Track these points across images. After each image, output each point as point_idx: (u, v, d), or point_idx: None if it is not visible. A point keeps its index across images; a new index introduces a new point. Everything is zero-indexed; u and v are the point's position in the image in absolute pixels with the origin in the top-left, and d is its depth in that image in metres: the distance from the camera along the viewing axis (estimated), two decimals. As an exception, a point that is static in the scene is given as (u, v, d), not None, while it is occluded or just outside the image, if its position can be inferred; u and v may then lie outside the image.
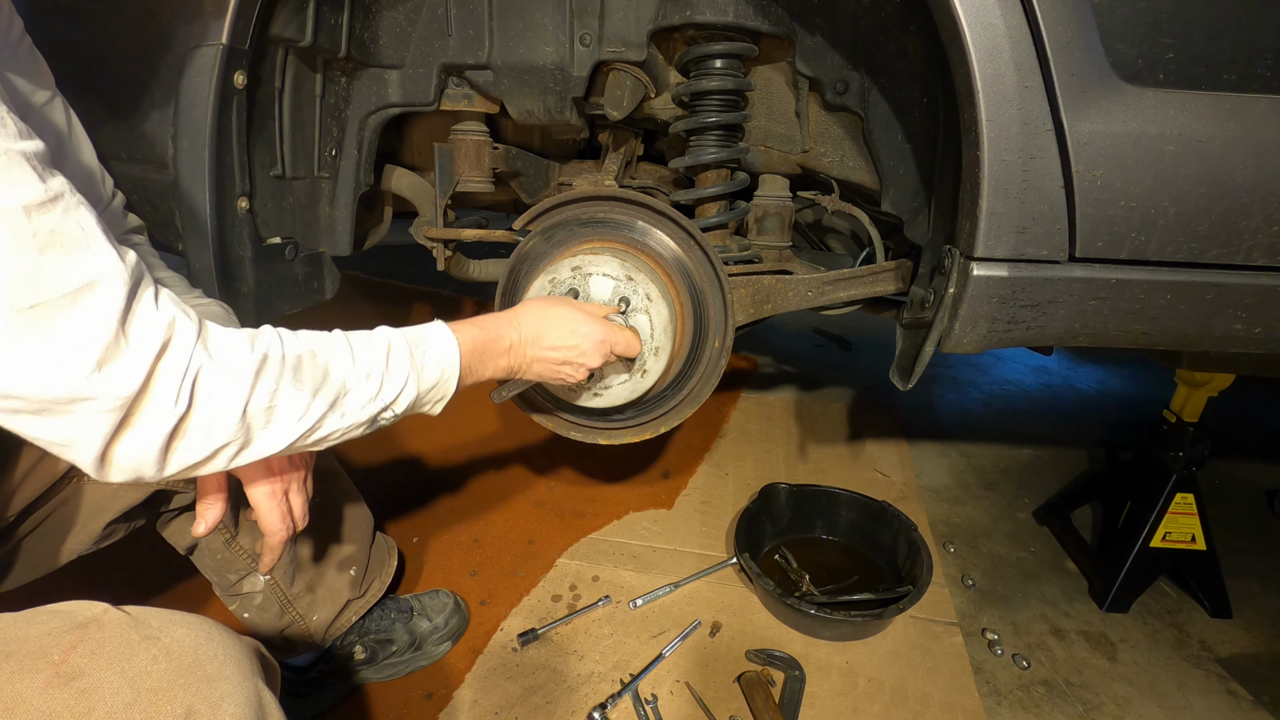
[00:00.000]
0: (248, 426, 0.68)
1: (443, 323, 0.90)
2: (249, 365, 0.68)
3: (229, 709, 0.59)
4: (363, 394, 0.77)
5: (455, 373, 0.87)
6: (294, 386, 0.71)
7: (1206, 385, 1.57)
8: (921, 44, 1.15)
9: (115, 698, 0.55)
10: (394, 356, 0.81)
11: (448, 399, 0.89)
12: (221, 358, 0.67)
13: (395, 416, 0.82)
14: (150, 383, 0.62)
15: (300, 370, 0.72)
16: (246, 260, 1.15)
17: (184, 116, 1.02)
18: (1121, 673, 1.43)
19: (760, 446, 2.20)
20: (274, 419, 0.70)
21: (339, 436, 0.78)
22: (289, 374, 0.71)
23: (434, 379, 0.85)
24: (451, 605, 1.38)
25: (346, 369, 0.76)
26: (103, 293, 0.59)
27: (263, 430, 0.70)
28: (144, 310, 0.62)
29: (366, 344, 0.80)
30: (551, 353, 1.01)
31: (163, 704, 0.56)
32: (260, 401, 0.69)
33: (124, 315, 0.60)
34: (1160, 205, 0.89)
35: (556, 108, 1.30)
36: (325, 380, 0.74)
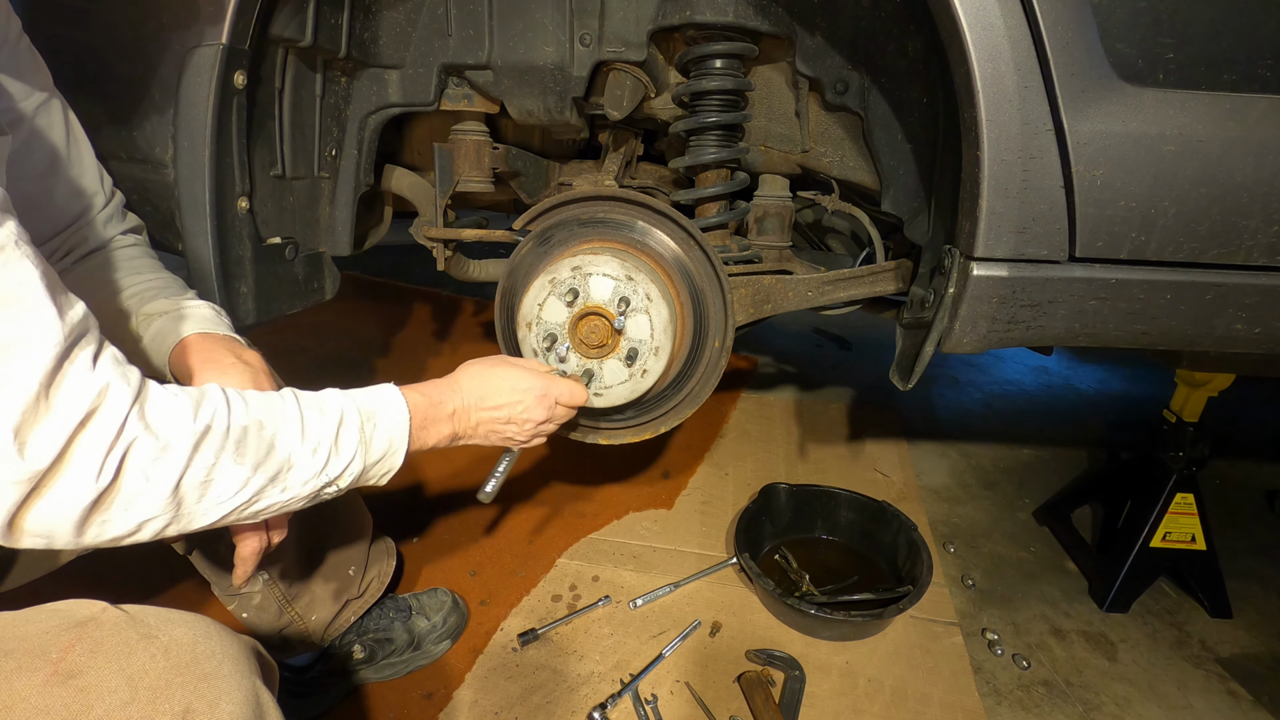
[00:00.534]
0: (179, 501, 0.65)
1: (395, 389, 0.88)
2: (187, 438, 0.65)
3: (227, 707, 0.59)
4: (307, 469, 0.74)
5: (404, 445, 0.85)
6: (234, 461, 0.68)
7: (1206, 385, 1.57)
8: (921, 44, 1.15)
9: (113, 696, 0.55)
10: (344, 429, 0.78)
11: (394, 472, 0.86)
12: (159, 428, 0.63)
13: (339, 491, 0.80)
14: (68, 454, 0.58)
15: (244, 443, 0.69)
16: (246, 260, 1.15)
17: (184, 116, 1.02)
18: (1121, 673, 1.43)
19: (760, 446, 2.19)
20: (208, 494, 0.67)
21: (277, 509, 0.75)
22: (231, 447, 0.68)
23: (381, 452, 0.82)
24: (450, 604, 1.38)
25: (294, 443, 0.73)
26: (25, 354, 0.55)
27: (195, 504, 0.67)
28: (74, 374, 0.58)
29: (318, 415, 0.77)
30: (495, 412, 0.99)
31: (160, 702, 0.56)
32: (195, 476, 0.65)
33: (48, 379, 0.56)
34: (1160, 205, 0.89)
35: (556, 108, 1.30)
36: (270, 454, 0.71)
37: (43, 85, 0.88)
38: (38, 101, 0.87)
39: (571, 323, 1.17)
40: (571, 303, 1.16)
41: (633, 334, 1.17)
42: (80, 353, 0.60)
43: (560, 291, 1.16)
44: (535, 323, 1.18)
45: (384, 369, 2.60)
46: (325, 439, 0.76)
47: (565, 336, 1.18)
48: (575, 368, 1.18)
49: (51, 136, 0.89)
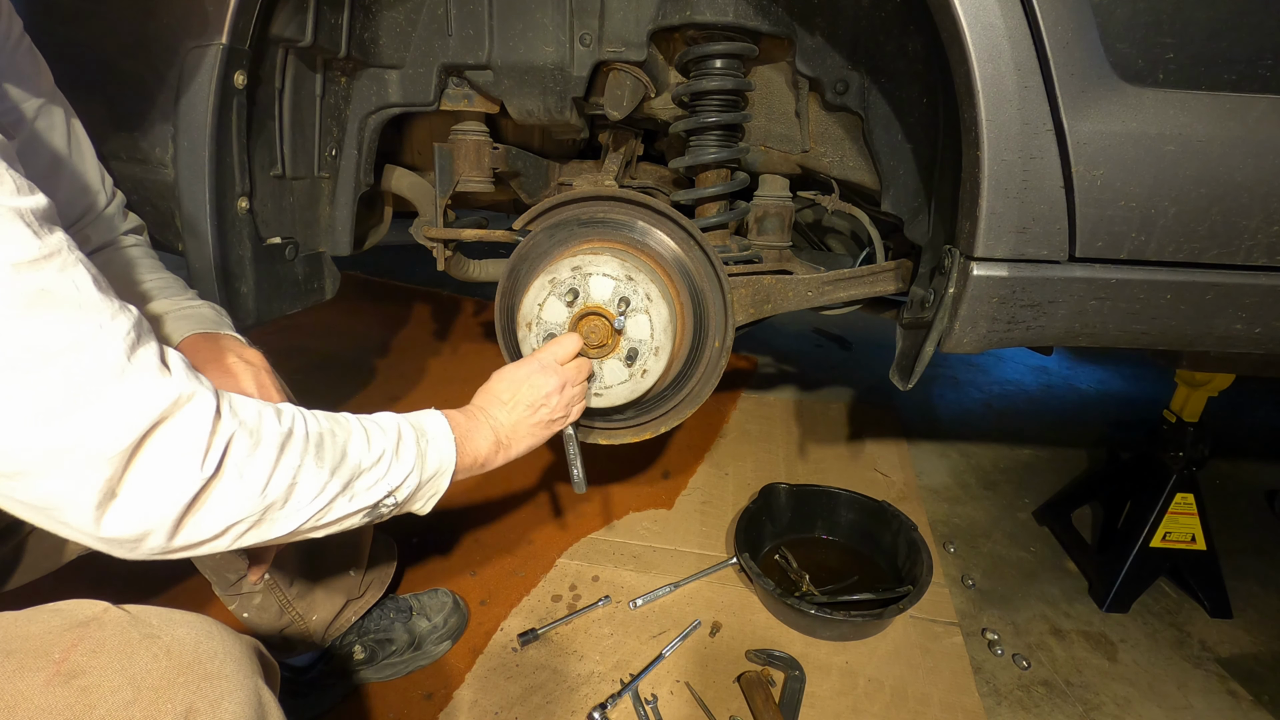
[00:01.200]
0: (266, 504, 0.66)
1: (439, 413, 0.90)
2: (276, 437, 0.67)
3: (229, 707, 0.59)
4: (373, 476, 0.77)
5: (452, 464, 0.87)
6: (315, 464, 0.70)
7: (1206, 385, 1.57)
8: (921, 44, 1.15)
9: (116, 696, 0.55)
10: (403, 443, 0.81)
11: (441, 494, 0.88)
12: (251, 425, 0.66)
13: (394, 506, 0.81)
14: (151, 440, 0.59)
15: (323, 447, 0.71)
16: (246, 260, 1.15)
17: (184, 116, 1.03)
18: (1121, 673, 1.43)
19: (760, 446, 2.20)
20: (292, 497, 0.69)
21: (340, 524, 0.76)
22: (313, 450, 0.70)
23: (434, 468, 0.85)
24: (451, 604, 1.38)
25: (362, 451, 0.76)
26: (93, 353, 0.57)
27: (279, 509, 0.68)
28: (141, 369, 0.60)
29: (378, 429, 0.80)
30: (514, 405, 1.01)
31: (163, 702, 0.56)
32: (283, 477, 0.67)
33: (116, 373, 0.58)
34: (1160, 205, 0.89)
35: (556, 108, 1.30)
36: (343, 460, 0.73)
37: (44, 86, 0.88)
38: (39, 102, 0.87)
39: (571, 323, 1.17)
40: (571, 303, 1.16)
41: (633, 334, 1.17)
42: (144, 351, 0.61)
43: (560, 291, 1.16)
44: (535, 322, 1.18)
45: (384, 369, 2.60)
46: (388, 449, 0.79)
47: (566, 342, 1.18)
48: None
49: (53, 137, 0.90)
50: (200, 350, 0.89)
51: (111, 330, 0.58)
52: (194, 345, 0.90)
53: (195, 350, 0.89)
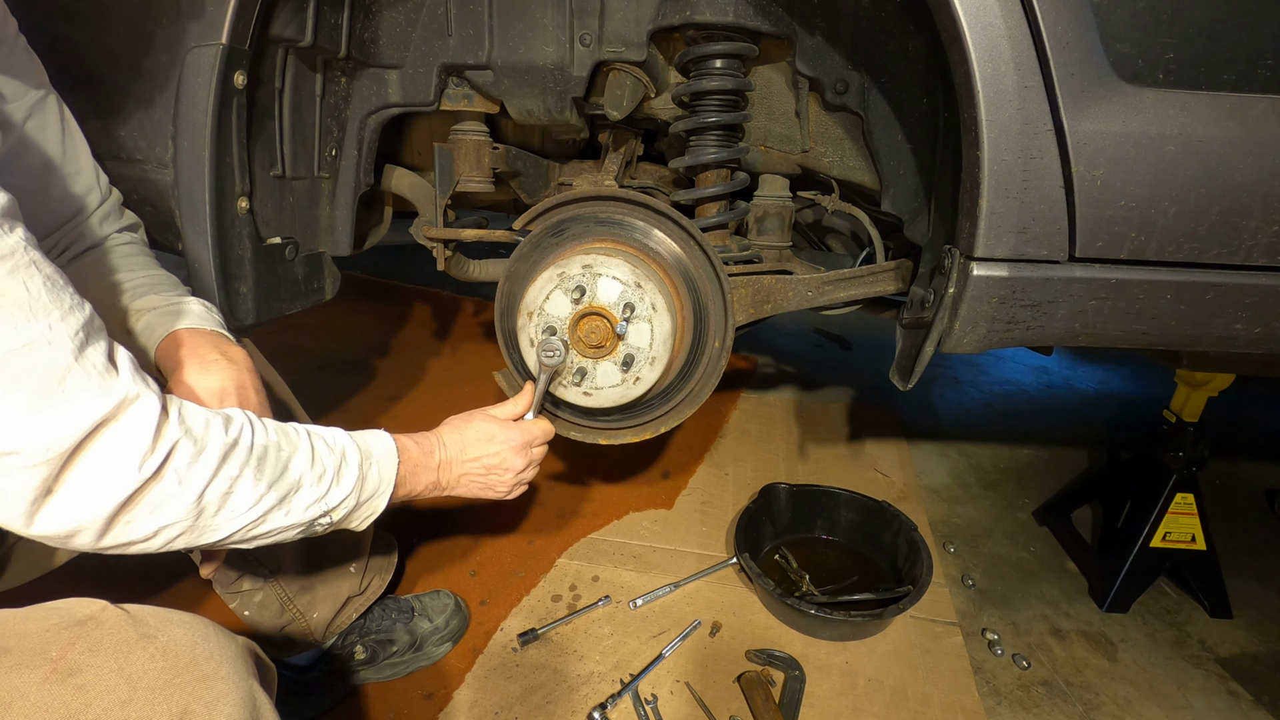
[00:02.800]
0: (200, 510, 0.67)
1: (388, 435, 0.92)
2: (219, 447, 0.68)
3: (224, 709, 0.59)
4: (311, 495, 0.77)
5: (390, 489, 0.89)
6: (254, 476, 0.71)
7: (1206, 385, 1.57)
8: (921, 44, 1.15)
9: (112, 695, 0.55)
10: (346, 464, 0.82)
11: (377, 515, 0.90)
12: (197, 433, 0.67)
13: (329, 525, 0.82)
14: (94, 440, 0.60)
15: (264, 460, 0.72)
16: (246, 260, 1.15)
17: (184, 116, 1.03)
18: (1121, 673, 1.43)
19: (760, 446, 2.19)
20: (226, 506, 0.69)
21: (273, 537, 0.77)
22: (254, 462, 0.71)
23: (372, 490, 0.86)
24: (453, 606, 1.38)
25: (304, 468, 0.77)
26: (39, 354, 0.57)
27: (212, 516, 0.69)
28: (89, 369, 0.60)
29: (325, 447, 0.81)
30: (474, 464, 1.04)
31: (158, 702, 0.56)
32: (220, 486, 0.68)
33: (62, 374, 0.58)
34: (1160, 205, 0.89)
35: (556, 108, 1.30)
36: (283, 475, 0.74)
37: (38, 84, 0.88)
38: (33, 100, 0.87)
39: (573, 319, 1.18)
40: (577, 300, 1.16)
41: (633, 341, 1.17)
42: (93, 350, 0.61)
43: (567, 287, 1.16)
44: (537, 313, 1.18)
45: (384, 369, 2.60)
46: (330, 469, 0.80)
47: (564, 331, 1.18)
48: (568, 363, 1.18)
49: (47, 135, 0.90)
50: (182, 345, 0.89)
51: (60, 331, 0.59)
52: (176, 341, 0.90)
53: (177, 345, 0.89)
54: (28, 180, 0.88)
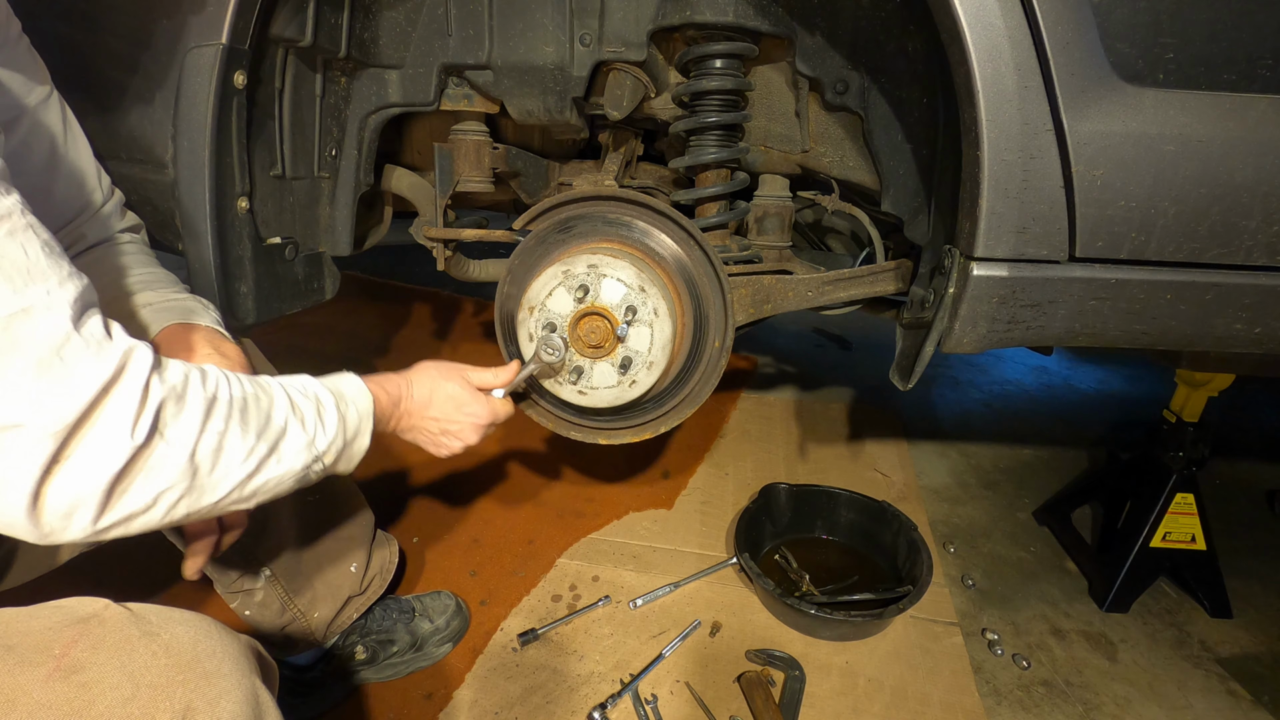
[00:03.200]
0: (194, 469, 0.65)
1: (354, 375, 0.91)
2: (200, 401, 0.66)
3: (227, 706, 0.59)
4: (299, 439, 0.77)
5: (370, 424, 0.88)
6: (240, 427, 0.70)
7: (1206, 385, 1.57)
8: (921, 44, 1.15)
9: (115, 692, 0.55)
10: (324, 406, 0.81)
11: (364, 453, 0.89)
12: (178, 391, 0.65)
13: (323, 470, 0.82)
14: (96, 412, 0.58)
15: (247, 411, 0.71)
16: (246, 260, 1.15)
17: (184, 116, 1.03)
18: (1121, 673, 1.43)
19: (760, 446, 2.19)
20: (220, 463, 0.68)
21: (271, 489, 0.75)
22: (237, 414, 0.70)
23: (354, 429, 0.86)
24: (453, 607, 1.38)
25: (286, 412, 0.76)
26: (39, 319, 0.56)
27: (208, 475, 0.67)
28: (89, 337, 0.59)
29: (300, 393, 0.80)
30: (433, 423, 1.03)
31: (161, 700, 0.56)
32: (209, 442, 0.66)
33: (62, 342, 0.57)
34: (1160, 205, 0.89)
35: (556, 108, 1.30)
36: (268, 423, 0.73)
37: (41, 83, 0.89)
38: (36, 99, 0.87)
39: (574, 317, 1.18)
40: (580, 299, 1.16)
41: (632, 344, 1.17)
42: (91, 319, 0.60)
43: (571, 285, 1.16)
44: (538, 309, 1.18)
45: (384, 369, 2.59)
46: (310, 412, 0.79)
47: (564, 329, 1.18)
48: (565, 361, 1.18)
49: (49, 135, 0.90)
50: (175, 340, 0.90)
51: (59, 297, 0.58)
52: (170, 335, 0.90)
53: (171, 340, 0.90)
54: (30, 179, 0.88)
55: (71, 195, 0.94)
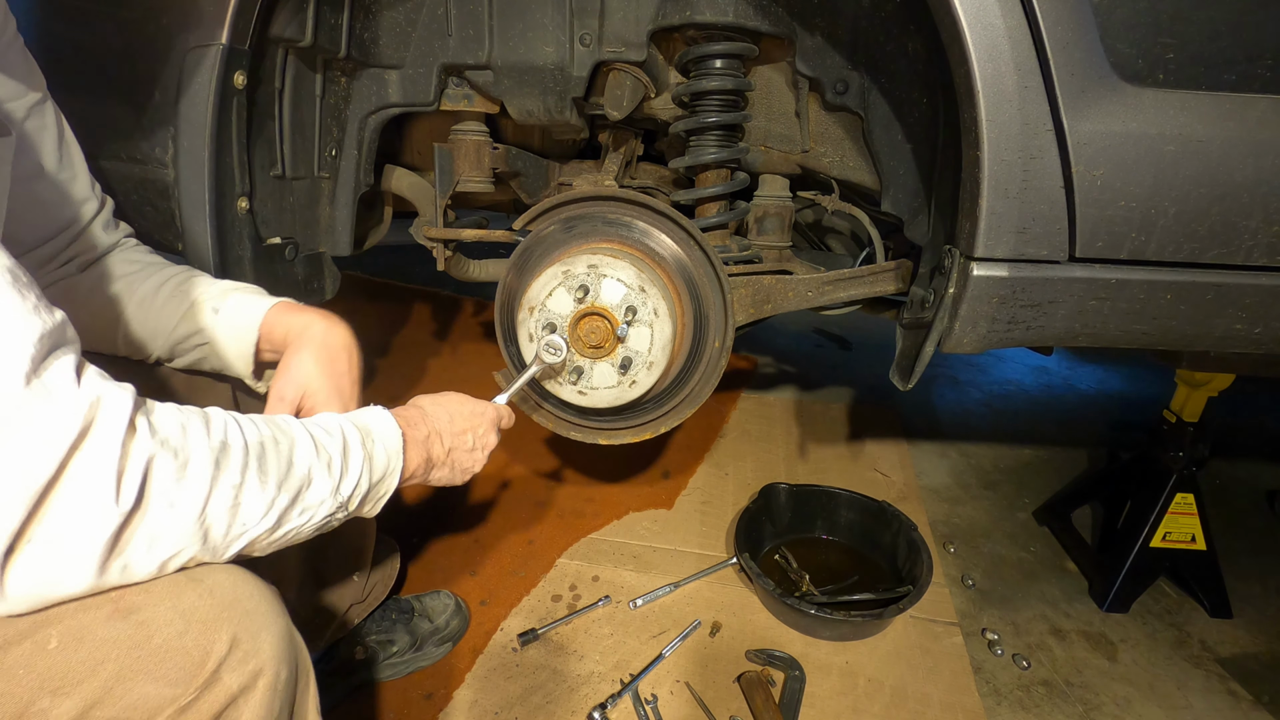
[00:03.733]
0: (205, 530, 0.59)
1: (383, 409, 0.84)
2: (206, 453, 0.59)
3: (267, 639, 0.64)
4: (324, 488, 0.70)
5: (399, 464, 0.81)
6: (259, 479, 0.63)
7: (1206, 385, 1.57)
8: (921, 44, 1.15)
9: (169, 628, 0.59)
10: (350, 446, 0.74)
11: (389, 496, 0.82)
12: (175, 443, 0.57)
13: (345, 516, 0.76)
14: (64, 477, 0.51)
15: (265, 459, 0.64)
16: (246, 260, 1.15)
17: (184, 116, 1.03)
18: (1121, 673, 1.43)
19: (760, 446, 2.19)
20: (236, 520, 0.62)
21: (288, 541, 0.70)
22: (254, 464, 0.63)
23: (381, 470, 0.79)
24: (453, 607, 1.38)
25: (310, 458, 0.69)
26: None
27: (222, 536, 0.61)
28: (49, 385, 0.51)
29: (323, 431, 0.73)
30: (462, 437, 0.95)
31: (210, 633, 0.60)
32: (223, 499, 0.60)
33: (15, 404, 0.49)
34: (1160, 205, 0.89)
35: (556, 108, 1.30)
36: (290, 471, 0.66)
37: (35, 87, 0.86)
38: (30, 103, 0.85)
39: (574, 318, 1.18)
40: (581, 299, 1.16)
41: (632, 344, 1.17)
42: (58, 361, 0.53)
43: (571, 285, 1.16)
44: (538, 309, 1.18)
45: (384, 369, 2.60)
46: (335, 454, 0.72)
47: (564, 329, 1.18)
48: (565, 360, 1.18)
49: (43, 140, 0.87)
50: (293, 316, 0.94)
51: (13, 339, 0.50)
52: (287, 315, 0.94)
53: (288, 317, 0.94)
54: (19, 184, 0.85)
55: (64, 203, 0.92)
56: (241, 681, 0.61)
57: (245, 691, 0.62)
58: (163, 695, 0.58)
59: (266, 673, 0.63)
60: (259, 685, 0.63)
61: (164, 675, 0.58)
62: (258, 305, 0.94)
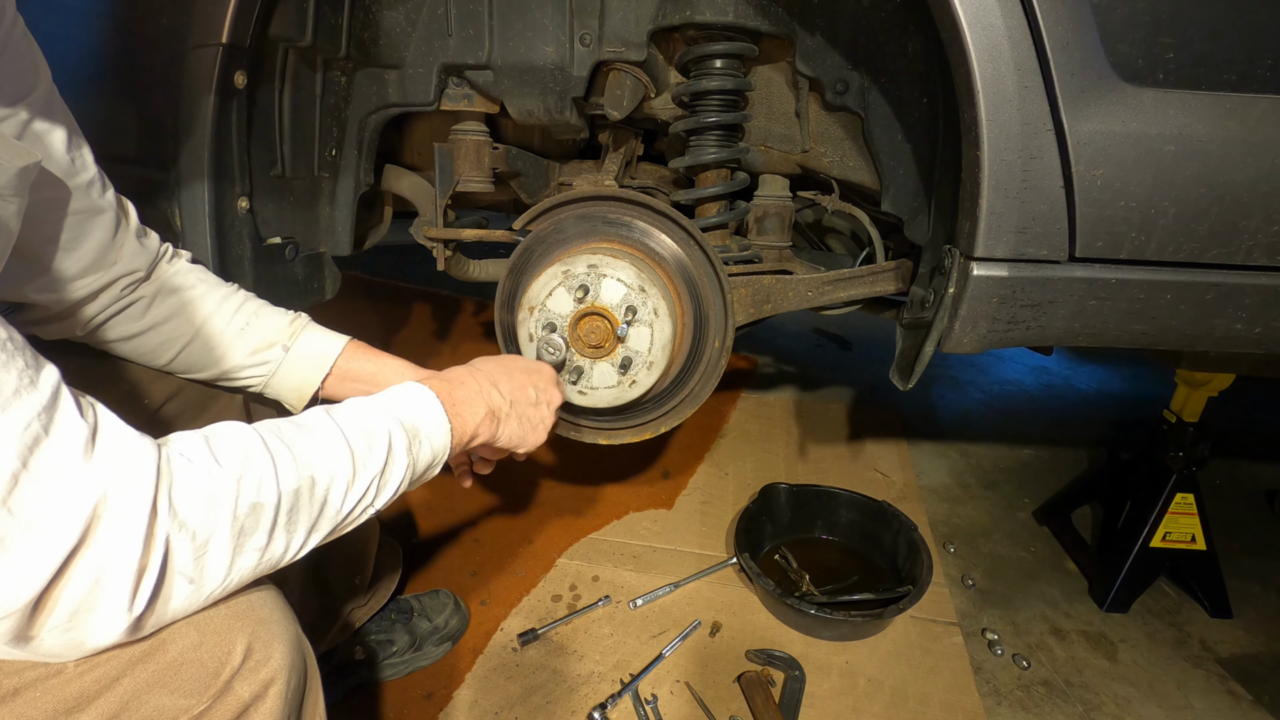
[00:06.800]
0: (228, 586, 0.60)
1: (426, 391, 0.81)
2: (230, 527, 0.57)
3: (279, 648, 0.65)
4: (359, 510, 0.70)
5: (443, 460, 0.81)
6: (287, 534, 0.63)
7: (1206, 385, 1.57)
8: (921, 44, 1.15)
9: (185, 640, 0.60)
10: (393, 455, 0.72)
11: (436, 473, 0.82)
12: (195, 522, 0.55)
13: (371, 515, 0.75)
14: (64, 582, 0.48)
15: (296, 510, 0.63)
16: (246, 260, 1.15)
17: (184, 116, 1.02)
18: (1121, 673, 1.43)
19: (760, 446, 2.19)
20: (264, 568, 0.62)
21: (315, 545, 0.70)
22: (283, 521, 0.62)
23: (425, 467, 0.78)
24: (452, 606, 1.38)
25: (345, 489, 0.67)
26: None
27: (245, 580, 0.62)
28: (41, 483, 0.46)
29: (367, 450, 0.70)
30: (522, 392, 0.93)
31: (225, 643, 0.62)
32: (247, 563, 0.60)
33: (5, 492, 0.45)
34: (1160, 205, 0.89)
35: (556, 108, 1.30)
36: (322, 512, 0.66)
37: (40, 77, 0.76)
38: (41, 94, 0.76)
39: (574, 318, 1.18)
40: (581, 299, 1.16)
41: (632, 344, 1.17)
42: (53, 447, 0.47)
43: (571, 285, 1.16)
44: (538, 308, 1.18)
45: (384, 369, 2.59)
46: (375, 476, 0.70)
47: (564, 329, 1.18)
48: (565, 360, 1.18)
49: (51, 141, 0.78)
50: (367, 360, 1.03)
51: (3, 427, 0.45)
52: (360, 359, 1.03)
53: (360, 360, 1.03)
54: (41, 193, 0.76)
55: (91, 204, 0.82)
56: (254, 690, 0.62)
57: (257, 700, 0.62)
58: (178, 706, 0.59)
59: (278, 681, 0.64)
60: (270, 694, 0.63)
61: (179, 687, 0.59)
62: (330, 347, 1.01)
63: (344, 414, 0.72)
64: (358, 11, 1.22)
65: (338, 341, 1.02)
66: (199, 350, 0.93)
